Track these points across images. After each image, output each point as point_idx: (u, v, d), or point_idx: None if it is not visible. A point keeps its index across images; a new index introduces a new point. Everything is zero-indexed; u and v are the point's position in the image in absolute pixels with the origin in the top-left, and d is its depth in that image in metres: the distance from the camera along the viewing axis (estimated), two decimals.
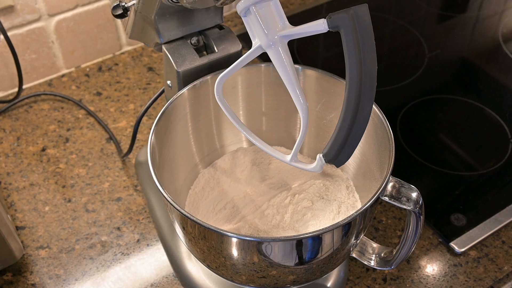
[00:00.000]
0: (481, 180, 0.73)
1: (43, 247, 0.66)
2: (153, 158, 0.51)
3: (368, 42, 0.39)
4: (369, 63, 0.39)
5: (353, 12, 0.38)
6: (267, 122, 0.64)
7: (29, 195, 0.72)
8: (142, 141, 0.78)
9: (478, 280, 0.63)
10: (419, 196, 0.47)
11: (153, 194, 0.69)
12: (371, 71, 0.39)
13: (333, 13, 0.40)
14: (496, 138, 0.78)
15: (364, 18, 0.38)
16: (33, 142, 0.79)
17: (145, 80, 0.88)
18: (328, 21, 0.40)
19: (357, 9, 0.38)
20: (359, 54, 0.38)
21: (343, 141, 0.41)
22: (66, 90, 0.86)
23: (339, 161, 0.43)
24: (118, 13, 0.57)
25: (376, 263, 0.55)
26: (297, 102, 0.45)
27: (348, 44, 0.38)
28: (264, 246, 0.46)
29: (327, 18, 0.40)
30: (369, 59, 0.39)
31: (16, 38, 0.81)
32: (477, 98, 0.84)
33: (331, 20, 0.40)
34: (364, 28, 0.38)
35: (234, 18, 1.00)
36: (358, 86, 0.39)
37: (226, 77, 0.49)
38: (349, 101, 0.39)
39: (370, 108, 0.40)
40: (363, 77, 0.39)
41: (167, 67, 0.58)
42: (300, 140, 0.46)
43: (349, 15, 0.38)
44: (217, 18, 0.59)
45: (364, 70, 0.39)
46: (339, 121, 0.41)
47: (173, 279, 0.63)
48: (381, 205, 0.70)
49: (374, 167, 0.55)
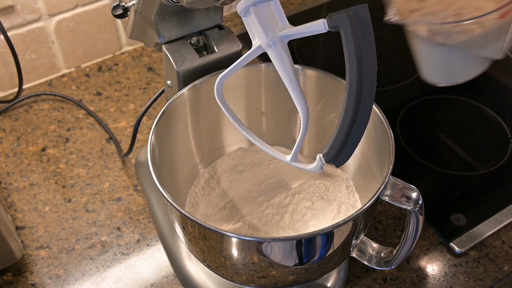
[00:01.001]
0: (481, 180, 0.73)
1: (43, 247, 0.66)
2: (153, 158, 0.51)
3: (368, 42, 0.39)
4: (369, 63, 0.39)
5: (353, 12, 0.38)
6: (267, 122, 0.64)
7: (29, 195, 0.72)
8: (142, 141, 0.78)
9: (478, 280, 0.63)
10: (419, 196, 0.47)
11: (153, 194, 0.69)
12: (371, 71, 0.39)
13: (333, 13, 0.40)
14: (496, 138, 0.78)
15: (364, 18, 0.38)
16: (33, 142, 0.79)
17: (145, 80, 0.88)
18: (328, 21, 0.40)
19: (357, 9, 0.38)
20: (359, 54, 0.38)
21: (343, 141, 0.41)
22: (66, 90, 0.86)
23: (339, 161, 0.43)
24: (118, 13, 0.57)
25: (376, 263, 0.55)
26: (297, 102, 0.45)
27: (348, 44, 0.39)
28: (264, 246, 0.46)
29: (327, 18, 0.40)
30: (369, 59, 0.39)
31: (16, 38, 0.81)
32: (477, 98, 0.84)
33: (331, 20, 0.40)
34: (364, 28, 0.38)
35: (234, 18, 1.00)
36: (358, 86, 0.39)
37: (226, 77, 0.49)
38: (349, 101, 0.39)
39: (370, 108, 0.40)
40: (363, 77, 0.39)
41: (167, 67, 0.58)
42: (300, 140, 0.46)
43: (349, 15, 0.38)
44: (217, 18, 0.59)
45: (364, 70, 0.39)
46: (339, 121, 0.41)
47: (173, 279, 0.63)
48: (381, 205, 0.70)
49: (374, 167, 0.55)
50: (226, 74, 0.49)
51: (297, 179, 0.61)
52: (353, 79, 0.39)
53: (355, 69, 0.39)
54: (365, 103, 0.39)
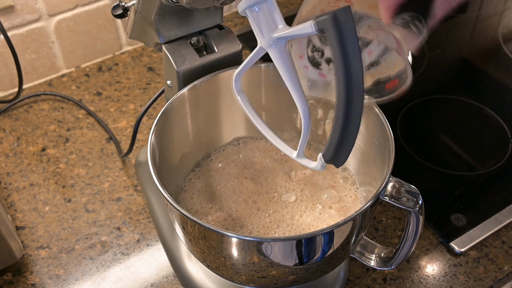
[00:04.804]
0: (481, 180, 0.73)
1: (43, 247, 0.66)
2: (153, 158, 0.51)
3: (351, 45, 0.38)
4: (354, 66, 0.38)
5: (336, 15, 0.38)
6: (267, 121, 0.64)
7: (29, 195, 0.72)
8: (142, 141, 0.79)
9: (478, 280, 0.63)
10: (419, 196, 0.47)
11: (153, 194, 0.69)
12: (357, 74, 0.39)
13: (319, 15, 0.39)
14: (496, 138, 0.78)
15: (347, 21, 0.38)
16: (33, 142, 0.79)
17: (145, 80, 0.88)
18: (314, 24, 0.40)
19: (339, 12, 0.38)
20: (344, 57, 0.38)
21: (338, 143, 0.41)
22: (66, 90, 0.86)
23: (337, 162, 0.43)
24: (118, 13, 0.57)
25: (376, 263, 0.55)
26: (298, 102, 0.45)
27: (333, 47, 0.38)
28: (264, 246, 0.46)
29: (314, 20, 0.40)
30: (354, 63, 0.38)
31: (16, 38, 0.81)
32: (477, 98, 0.84)
33: (317, 23, 0.39)
34: (348, 30, 0.38)
35: (234, 18, 1.00)
36: (346, 90, 0.39)
37: (242, 73, 0.49)
38: (339, 104, 0.39)
39: (360, 110, 0.40)
40: (349, 80, 0.39)
41: (167, 67, 0.58)
42: (303, 138, 0.46)
43: (331, 18, 0.37)
44: (217, 18, 0.59)
45: (351, 73, 0.38)
46: (333, 124, 0.41)
47: (173, 279, 0.63)
48: (381, 205, 0.70)
49: (374, 167, 0.55)
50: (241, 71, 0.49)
51: (297, 178, 0.61)
52: (340, 82, 0.39)
53: (341, 72, 0.38)
54: (355, 106, 0.39)
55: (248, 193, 0.59)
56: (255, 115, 0.51)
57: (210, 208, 0.58)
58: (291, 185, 0.60)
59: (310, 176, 0.60)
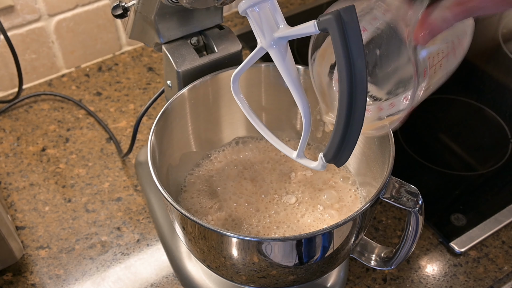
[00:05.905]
0: (481, 180, 0.73)
1: (43, 247, 0.66)
2: (153, 158, 0.51)
3: (356, 44, 0.38)
4: (358, 65, 0.38)
5: (340, 14, 0.38)
6: (267, 121, 0.64)
7: (29, 195, 0.72)
8: (142, 141, 0.79)
9: (478, 280, 0.63)
10: (419, 196, 0.47)
11: (153, 194, 0.69)
12: (361, 73, 0.38)
13: (322, 15, 0.39)
14: (496, 138, 0.78)
15: (351, 20, 0.38)
16: (33, 142, 0.79)
17: (145, 80, 0.88)
18: (317, 23, 0.40)
19: (344, 11, 0.38)
20: (348, 57, 0.38)
21: (340, 142, 0.41)
22: (66, 90, 0.86)
23: (338, 161, 0.43)
24: (118, 13, 0.57)
25: (376, 263, 0.55)
26: (298, 102, 0.45)
27: (336, 47, 0.38)
28: (264, 246, 0.46)
29: (317, 20, 0.40)
30: (358, 62, 0.38)
31: (16, 38, 0.81)
32: (477, 98, 0.84)
33: (319, 22, 0.39)
34: (351, 30, 0.38)
35: (234, 18, 1.00)
36: (349, 89, 0.39)
37: (240, 74, 0.49)
38: (341, 103, 0.39)
39: (363, 109, 0.40)
40: (353, 80, 0.38)
41: (167, 67, 0.58)
42: (304, 138, 0.46)
43: (335, 18, 0.37)
44: (217, 18, 0.59)
45: (354, 72, 0.38)
46: (335, 123, 0.41)
47: (173, 279, 0.63)
48: (381, 205, 0.70)
49: (374, 167, 0.55)
50: (240, 71, 0.49)
51: (297, 178, 0.61)
52: (343, 82, 0.39)
53: (344, 72, 0.38)
54: (358, 105, 0.39)
55: (248, 193, 0.59)
56: (253, 116, 0.51)
57: (210, 208, 0.58)
58: (291, 186, 0.60)
59: (309, 177, 0.60)
